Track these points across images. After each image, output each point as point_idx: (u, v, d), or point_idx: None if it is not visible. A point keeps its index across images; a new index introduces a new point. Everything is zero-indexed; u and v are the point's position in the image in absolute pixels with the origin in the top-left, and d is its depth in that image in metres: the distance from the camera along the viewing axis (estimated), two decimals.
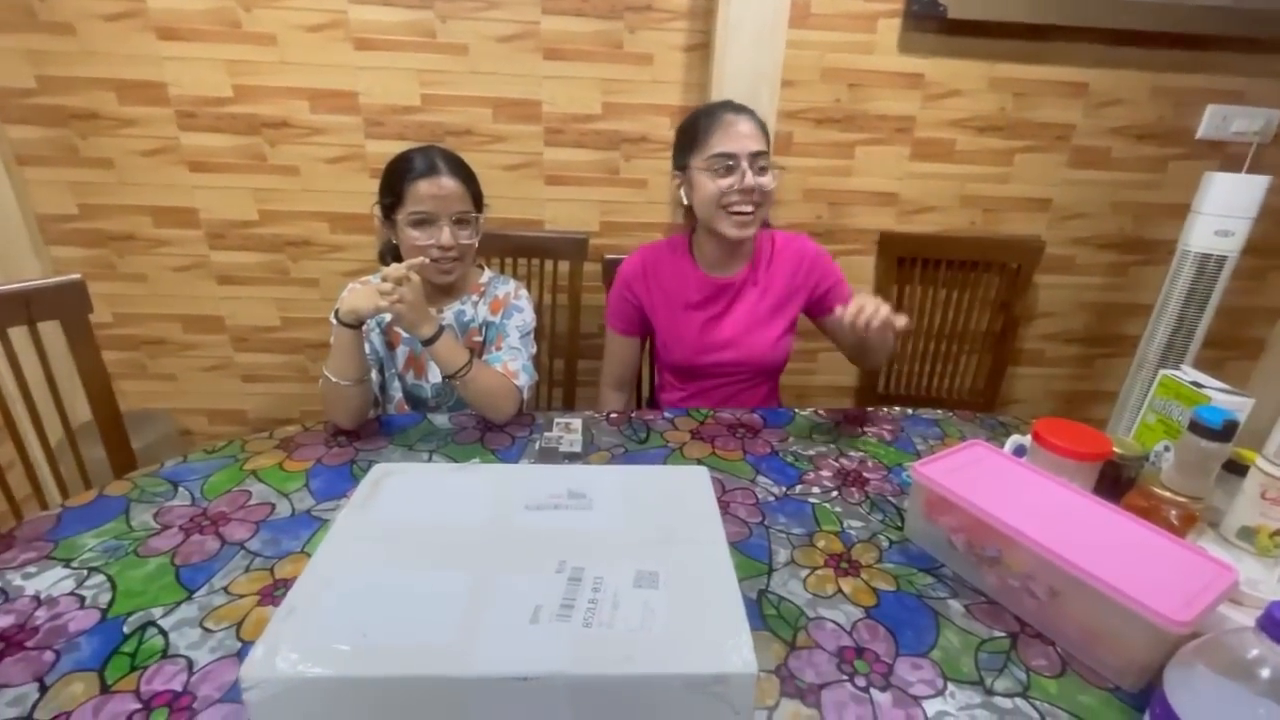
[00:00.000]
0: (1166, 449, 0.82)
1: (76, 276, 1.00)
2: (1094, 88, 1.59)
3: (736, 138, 1.03)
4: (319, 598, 0.47)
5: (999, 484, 0.75)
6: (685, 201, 1.09)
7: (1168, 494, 0.71)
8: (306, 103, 1.50)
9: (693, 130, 1.08)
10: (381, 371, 1.12)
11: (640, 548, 0.53)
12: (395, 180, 1.01)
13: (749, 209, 1.04)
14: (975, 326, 1.76)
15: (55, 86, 1.44)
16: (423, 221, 1.00)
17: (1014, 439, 0.90)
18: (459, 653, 0.43)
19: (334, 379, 0.93)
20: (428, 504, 0.59)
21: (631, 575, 0.49)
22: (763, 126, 1.08)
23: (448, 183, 1.00)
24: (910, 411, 1.14)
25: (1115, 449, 0.80)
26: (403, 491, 0.60)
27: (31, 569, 0.68)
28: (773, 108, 1.45)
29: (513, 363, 1.05)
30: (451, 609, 0.46)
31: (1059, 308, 1.83)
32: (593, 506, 0.59)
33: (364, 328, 0.96)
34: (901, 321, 0.91)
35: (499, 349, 1.08)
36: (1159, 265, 1.71)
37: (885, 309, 0.90)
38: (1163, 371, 0.81)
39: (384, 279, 0.89)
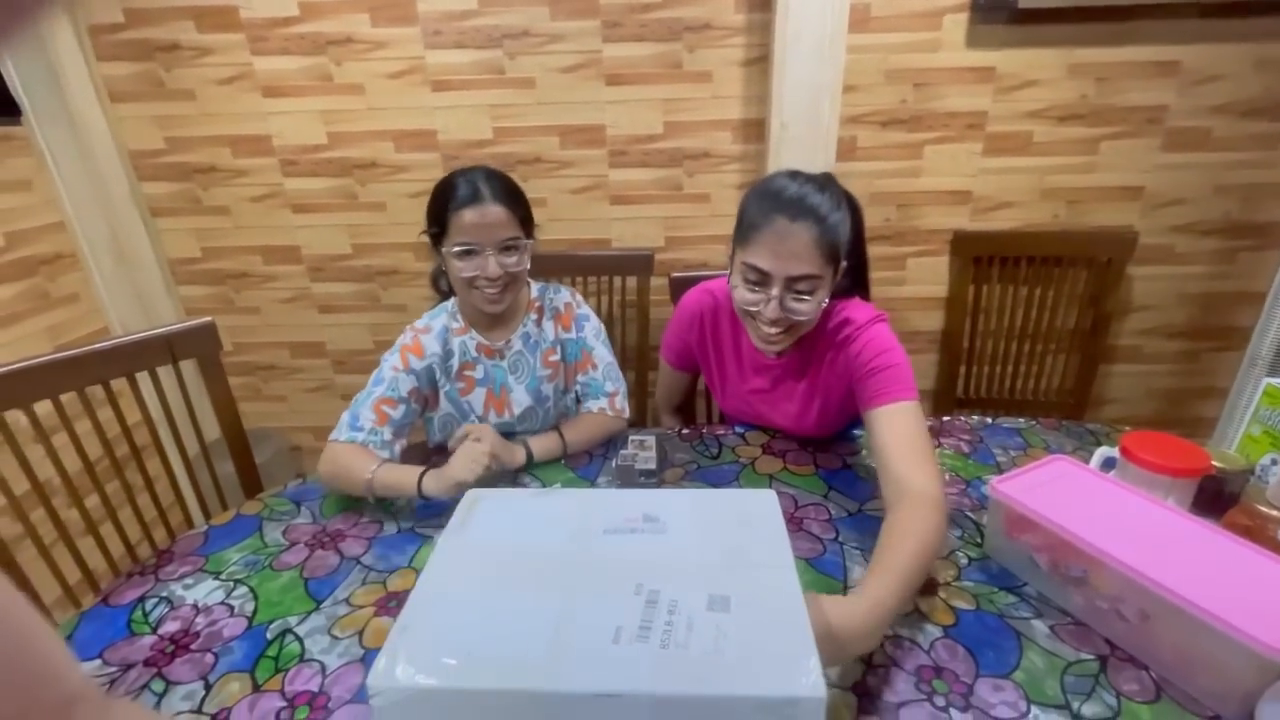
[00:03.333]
0: (1274, 462, 0.77)
1: (209, 320, 1.13)
2: (1187, 65, 1.48)
3: (779, 255, 0.82)
4: (428, 616, 0.53)
5: (1084, 501, 0.73)
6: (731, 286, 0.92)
7: (1274, 512, 0.67)
8: (391, 143, 1.62)
9: (743, 216, 0.88)
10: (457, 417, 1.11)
11: (712, 571, 0.56)
12: (439, 209, 0.95)
13: (774, 330, 0.88)
14: (1062, 324, 1.67)
15: (180, 146, 1.64)
16: (468, 252, 0.94)
17: (1101, 451, 0.86)
18: (551, 669, 0.48)
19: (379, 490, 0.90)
20: (516, 528, 0.64)
21: (704, 599, 0.53)
22: (825, 239, 0.82)
23: (493, 210, 0.92)
24: (990, 420, 1.11)
25: (1215, 463, 0.76)
26: (494, 516, 0.66)
27: (189, 580, 0.79)
28: (835, 116, 1.44)
29: (618, 397, 1.08)
30: (542, 628, 0.51)
31: (1158, 300, 1.71)
32: (666, 530, 0.62)
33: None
34: None
35: (593, 368, 1.09)
36: (1275, 249, 1.57)
37: None
38: (1267, 380, 0.76)
39: (471, 461, 0.88)
